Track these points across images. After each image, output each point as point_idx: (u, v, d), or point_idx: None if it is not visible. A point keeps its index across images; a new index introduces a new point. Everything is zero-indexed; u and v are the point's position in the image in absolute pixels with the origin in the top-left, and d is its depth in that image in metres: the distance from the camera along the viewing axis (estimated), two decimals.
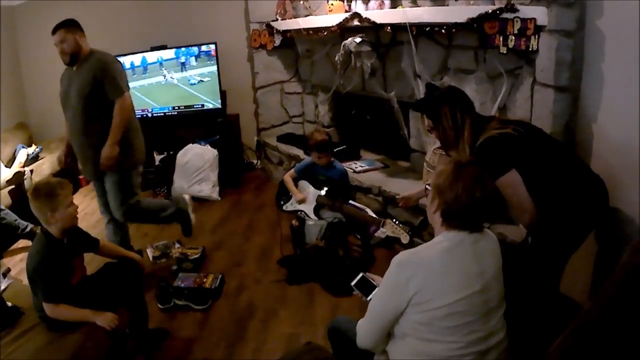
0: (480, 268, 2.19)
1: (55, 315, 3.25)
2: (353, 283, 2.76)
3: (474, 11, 3.96)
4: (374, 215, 4.57)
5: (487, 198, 2.22)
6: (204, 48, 7.18)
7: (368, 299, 2.62)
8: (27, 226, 5.86)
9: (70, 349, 3.14)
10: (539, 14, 3.57)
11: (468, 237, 2.20)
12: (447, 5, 4.49)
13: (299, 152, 6.57)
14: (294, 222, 4.54)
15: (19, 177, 6.44)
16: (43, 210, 3.29)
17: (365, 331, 2.35)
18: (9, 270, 4.20)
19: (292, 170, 4.70)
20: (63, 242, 3.39)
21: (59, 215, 3.30)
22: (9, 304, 3.61)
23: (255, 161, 8.04)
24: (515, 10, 3.71)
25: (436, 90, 3.39)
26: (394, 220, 3.95)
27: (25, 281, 4.19)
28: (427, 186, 2.49)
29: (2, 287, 3.99)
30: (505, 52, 3.88)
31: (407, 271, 2.16)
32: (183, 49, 7.29)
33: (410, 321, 2.18)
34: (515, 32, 3.73)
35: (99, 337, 3.25)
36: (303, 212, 4.49)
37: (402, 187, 5.03)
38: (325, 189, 4.47)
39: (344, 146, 6.03)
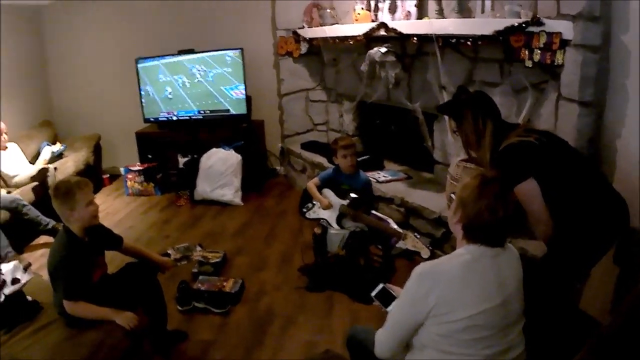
0: (500, 282, 2.18)
1: (74, 312, 3.28)
2: (373, 294, 2.75)
3: (500, 24, 3.95)
4: (396, 227, 4.56)
5: (510, 217, 2.21)
6: (230, 53, 7.21)
7: (388, 309, 2.62)
8: (49, 223, 5.93)
9: (88, 346, 3.15)
10: (565, 28, 3.56)
11: (489, 251, 2.20)
12: (474, 17, 4.49)
13: (323, 160, 6.58)
14: (316, 230, 4.55)
15: (42, 174, 6.50)
16: (62, 208, 3.32)
17: (383, 341, 2.35)
18: (29, 265, 4.22)
19: (316, 178, 4.70)
20: (84, 240, 3.42)
21: (78, 214, 3.32)
22: (29, 298, 3.66)
23: (278, 168, 8.07)
24: (541, 24, 3.71)
25: (464, 93, 3.40)
26: (415, 233, 3.94)
27: (46, 276, 4.25)
28: (452, 195, 2.49)
29: (23, 282, 4.02)
30: (531, 65, 3.87)
31: (428, 283, 2.16)
32: (210, 53, 7.33)
33: (430, 333, 2.18)
34: (541, 45, 3.72)
35: (117, 336, 3.26)
36: (325, 221, 4.50)
37: (425, 199, 5.05)
38: (354, 195, 4.47)
39: (368, 156, 6.03)
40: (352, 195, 4.50)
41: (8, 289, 3.84)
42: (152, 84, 7.70)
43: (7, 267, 4.03)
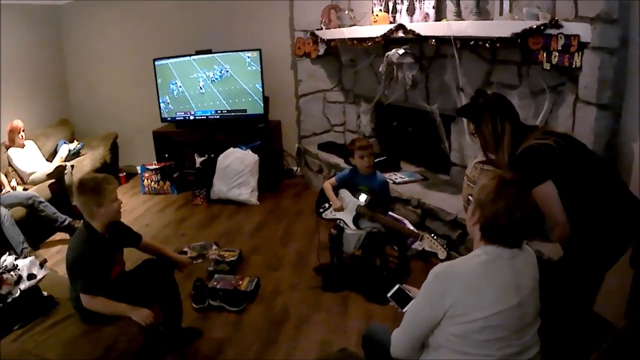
0: (517, 283, 2.18)
1: (91, 307, 3.29)
2: (389, 294, 2.75)
3: (518, 26, 3.95)
4: (413, 228, 4.56)
5: (527, 218, 2.20)
6: (248, 54, 7.24)
7: (404, 310, 2.61)
8: (65, 219, 6.00)
9: (103, 342, 3.17)
10: (583, 30, 3.56)
11: (506, 252, 2.19)
12: (492, 19, 4.49)
13: (340, 161, 6.59)
14: (332, 230, 4.56)
15: (59, 171, 6.57)
16: (88, 204, 3.32)
17: (399, 341, 2.36)
18: (45, 261, 4.27)
19: (333, 178, 4.68)
20: (105, 236, 3.43)
21: (104, 210, 3.34)
22: (45, 293, 3.69)
23: (295, 168, 8.09)
24: (560, 27, 3.70)
25: (483, 96, 3.40)
26: (432, 234, 3.94)
27: (62, 272, 4.28)
28: (469, 197, 2.49)
29: (39, 277, 4.06)
30: (549, 68, 3.86)
31: (445, 283, 2.16)
32: (227, 54, 7.37)
33: (446, 333, 2.18)
34: (559, 48, 3.72)
35: (133, 332, 3.28)
36: (342, 221, 4.50)
37: (441, 200, 5.05)
38: (365, 196, 4.47)
39: (385, 157, 6.03)
40: (363, 195, 4.50)
41: (24, 284, 3.89)
42: (170, 84, 7.75)
43: (23, 263, 4.09)
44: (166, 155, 7.80)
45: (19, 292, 3.77)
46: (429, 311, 2.21)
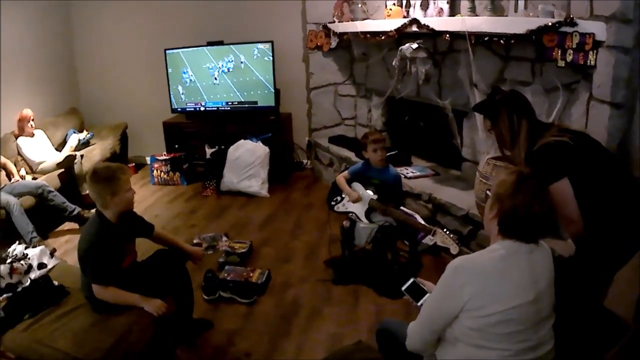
0: (533, 278, 2.19)
1: (102, 296, 3.30)
2: (404, 288, 2.76)
3: (533, 23, 3.94)
4: (424, 223, 4.56)
5: (545, 213, 2.23)
6: (260, 46, 7.24)
7: (419, 304, 2.63)
8: (74, 209, 6.03)
9: (115, 332, 3.18)
10: (598, 29, 3.55)
11: (524, 247, 2.21)
12: (506, 16, 4.48)
13: (350, 154, 6.60)
14: (344, 223, 4.57)
15: (69, 160, 6.60)
16: (102, 193, 3.32)
17: (416, 333, 2.38)
18: (54, 250, 4.28)
19: (346, 172, 4.69)
20: (117, 225, 3.43)
21: (118, 199, 3.35)
22: (56, 282, 3.70)
23: (305, 161, 8.10)
24: (575, 25, 3.69)
25: (499, 93, 3.40)
26: (444, 229, 3.95)
27: (71, 262, 4.29)
28: (487, 192, 2.51)
29: (50, 267, 4.07)
30: (563, 65, 3.86)
31: (463, 276, 2.18)
32: (239, 45, 7.37)
33: (463, 326, 2.19)
34: (574, 46, 3.71)
35: (145, 322, 3.29)
36: (354, 214, 4.51)
37: (452, 195, 5.06)
38: (371, 192, 4.49)
39: (396, 151, 6.03)
40: (370, 192, 4.52)
41: (34, 273, 3.91)
42: (181, 75, 7.76)
43: (33, 252, 4.11)
44: (176, 146, 7.81)
45: (29, 281, 3.80)
46: (447, 304, 2.22)
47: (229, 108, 7.64)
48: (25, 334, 3.24)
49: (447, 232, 3.89)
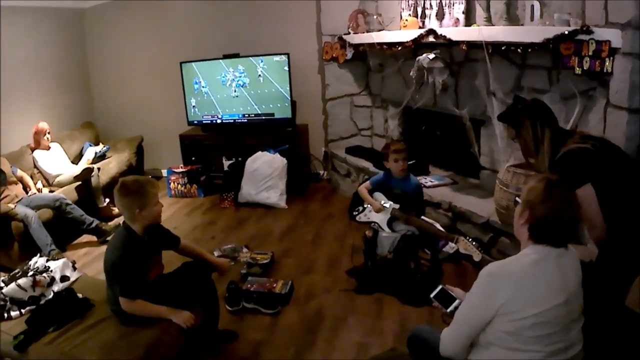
0: (564, 281, 2.24)
1: (130, 309, 3.32)
2: (432, 295, 2.79)
3: (550, 32, 3.96)
4: (445, 231, 4.57)
5: (575, 218, 2.28)
6: (276, 58, 7.28)
7: (447, 310, 2.67)
8: (92, 221, 6.08)
9: (143, 344, 3.19)
10: (614, 36, 3.58)
11: (554, 251, 2.25)
12: (522, 25, 4.51)
13: (368, 165, 6.62)
14: (367, 232, 4.58)
15: (86, 173, 6.65)
16: (131, 207, 3.34)
17: (450, 339, 2.41)
18: (74, 263, 4.31)
19: (367, 182, 4.72)
20: (144, 238, 3.46)
21: (146, 213, 3.37)
22: (80, 295, 3.72)
23: (321, 172, 8.12)
24: (591, 32, 3.72)
25: (521, 102, 3.44)
26: (468, 237, 3.97)
27: (90, 274, 4.32)
28: (517, 199, 2.54)
29: (73, 279, 4.09)
30: (580, 73, 3.88)
31: (497, 282, 2.22)
32: (255, 57, 7.41)
33: (497, 330, 2.23)
34: (590, 53, 3.74)
35: (173, 334, 3.31)
36: (377, 224, 4.53)
37: (472, 203, 5.09)
38: (390, 202, 4.52)
39: (413, 161, 6.04)
40: (392, 204, 4.56)
41: (57, 286, 3.92)
42: (197, 87, 7.81)
43: (56, 264, 4.12)
44: (193, 158, 7.84)
45: (52, 294, 3.81)
46: (482, 309, 2.26)
47: (245, 120, 7.69)
48: (51, 347, 3.26)
49: (470, 240, 3.92)
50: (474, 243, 3.88)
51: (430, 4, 5.55)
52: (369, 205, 4.67)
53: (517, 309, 2.17)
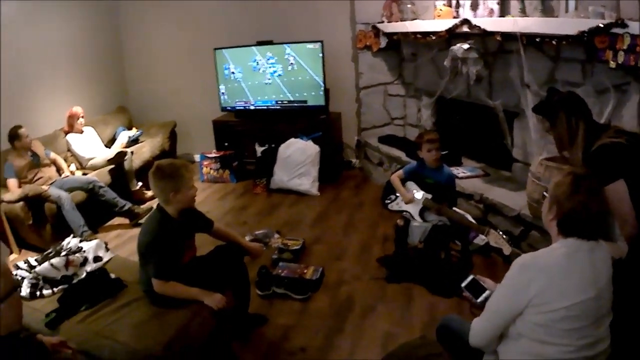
0: (595, 275, 2.24)
1: (162, 291, 3.37)
2: (464, 285, 2.82)
3: (584, 24, 3.92)
4: (476, 223, 4.58)
5: (603, 211, 2.29)
6: (310, 46, 7.31)
7: (478, 300, 2.70)
8: (125, 204, 6.21)
9: (175, 325, 3.24)
10: None
11: (585, 244, 2.26)
12: (556, 16, 4.48)
13: (401, 154, 6.64)
14: (399, 221, 4.60)
15: (120, 157, 6.77)
16: (165, 190, 3.38)
17: (480, 329, 2.43)
18: (106, 244, 4.39)
19: (400, 171, 4.72)
20: (178, 221, 3.50)
21: (181, 196, 3.42)
22: (112, 275, 3.79)
23: (353, 160, 8.13)
24: (626, 26, 3.67)
25: (556, 94, 3.43)
26: (498, 230, 3.98)
27: (123, 256, 4.39)
28: (544, 194, 2.55)
29: (105, 260, 4.15)
30: (614, 67, 3.85)
31: (529, 273, 2.23)
32: (289, 45, 7.45)
33: (528, 322, 2.25)
34: (625, 47, 3.69)
35: (205, 316, 3.36)
36: (408, 213, 4.55)
37: (504, 196, 5.07)
38: (422, 193, 4.54)
39: (446, 151, 6.03)
40: (420, 192, 4.58)
41: (90, 266, 3.99)
42: (227, 74, 7.88)
43: (89, 245, 4.19)
44: (226, 144, 7.93)
45: (85, 273, 3.88)
46: (513, 300, 2.27)
47: (278, 107, 7.73)
48: (83, 325, 3.31)
49: (500, 233, 3.92)
50: (504, 236, 3.89)
51: None
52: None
53: (548, 301, 2.18)
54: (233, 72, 7.82)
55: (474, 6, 5.40)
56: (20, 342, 2.24)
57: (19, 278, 3.80)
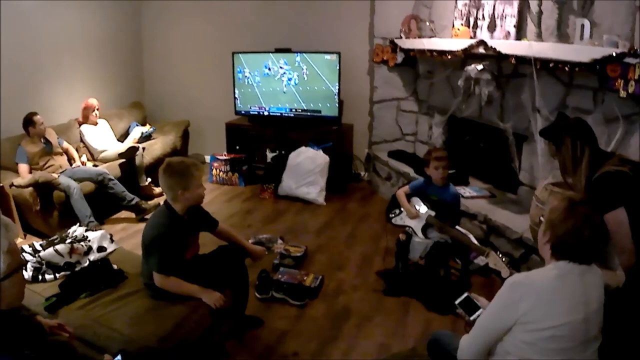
0: (585, 298, 2.26)
1: (163, 285, 3.41)
2: (458, 302, 2.85)
3: (597, 52, 3.94)
4: (478, 244, 4.59)
5: (596, 237, 2.30)
6: (327, 56, 7.37)
7: (471, 318, 2.72)
8: (133, 199, 6.28)
9: (172, 319, 3.29)
10: None
11: (577, 268, 2.28)
12: (571, 43, 4.50)
13: (409, 170, 6.65)
14: (401, 236, 4.63)
15: (131, 152, 6.83)
16: (174, 187, 3.43)
17: (468, 345, 2.46)
18: (112, 235, 4.43)
19: (406, 186, 4.74)
20: (184, 218, 3.55)
21: (189, 194, 3.46)
22: (115, 266, 3.84)
23: (362, 173, 8.16)
24: (638, 56, 3.68)
25: (564, 119, 3.46)
26: (498, 252, 3.99)
27: (128, 247, 4.43)
28: (541, 218, 2.58)
29: (109, 250, 4.20)
30: (624, 96, 3.85)
31: (519, 291, 2.27)
32: (307, 54, 7.51)
33: (515, 340, 2.28)
34: (637, 77, 3.69)
35: (201, 313, 3.41)
36: (411, 228, 4.57)
37: (507, 218, 5.08)
38: (425, 208, 4.57)
39: (454, 170, 6.03)
40: (424, 207, 4.60)
41: (93, 255, 4.04)
42: (246, 78, 7.93)
43: (94, 235, 4.24)
44: (237, 147, 7.99)
45: (87, 262, 3.93)
46: (502, 317, 2.31)
47: (292, 115, 7.79)
48: (81, 312, 3.35)
49: (500, 256, 3.94)
50: (503, 259, 3.90)
51: (483, 15, 5.54)
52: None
53: (536, 319, 2.21)
54: (247, 77, 7.89)
55: (492, 28, 5.43)
56: (19, 318, 2.31)
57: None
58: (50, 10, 6.87)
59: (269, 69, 7.74)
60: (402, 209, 4.70)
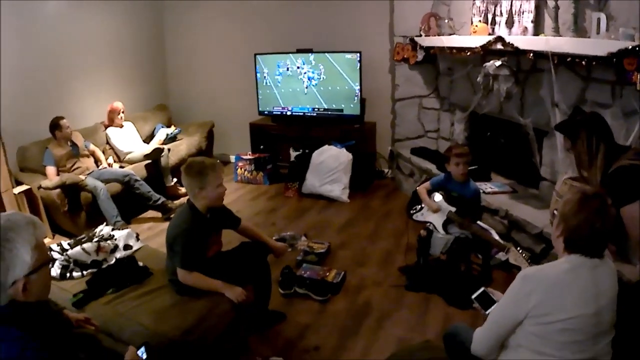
0: (596, 292, 2.28)
1: (186, 281, 3.50)
2: (474, 296, 2.89)
3: (614, 46, 3.92)
4: (499, 239, 4.60)
5: (608, 230, 2.31)
6: (348, 56, 7.42)
7: (487, 312, 2.76)
8: (159, 199, 6.39)
9: (195, 314, 3.37)
10: None
11: (588, 261, 2.30)
12: (588, 37, 4.51)
13: (432, 167, 6.67)
14: (422, 232, 4.68)
15: (157, 153, 6.95)
16: (192, 186, 3.54)
17: (481, 338, 2.50)
18: (137, 234, 4.53)
19: (427, 183, 4.77)
20: (206, 216, 3.64)
21: (206, 193, 3.55)
22: (141, 263, 3.94)
23: (386, 170, 8.19)
24: None
25: (580, 114, 3.47)
26: (518, 248, 4.01)
27: (154, 246, 4.50)
28: (554, 211, 2.60)
29: (135, 248, 4.31)
30: None
31: (531, 284, 2.30)
32: (328, 54, 7.57)
33: (526, 332, 2.31)
34: None
35: (224, 308, 3.49)
36: (432, 224, 4.60)
37: (529, 213, 5.08)
38: (441, 199, 4.60)
39: (476, 166, 6.05)
40: (439, 196, 4.65)
41: (120, 253, 4.14)
42: (269, 79, 8.01)
43: (120, 234, 4.35)
44: (261, 147, 8.09)
45: (114, 259, 4.03)
46: (514, 310, 2.34)
47: (314, 114, 7.85)
48: (108, 307, 3.45)
49: (521, 251, 3.95)
50: (524, 255, 3.92)
51: (501, 11, 5.55)
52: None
53: (546, 312, 2.24)
54: (265, 77, 7.99)
55: (509, 24, 5.43)
56: (48, 309, 2.41)
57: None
58: (75, 14, 7.03)
59: (289, 69, 7.82)
60: (423, 205, 4.74)
